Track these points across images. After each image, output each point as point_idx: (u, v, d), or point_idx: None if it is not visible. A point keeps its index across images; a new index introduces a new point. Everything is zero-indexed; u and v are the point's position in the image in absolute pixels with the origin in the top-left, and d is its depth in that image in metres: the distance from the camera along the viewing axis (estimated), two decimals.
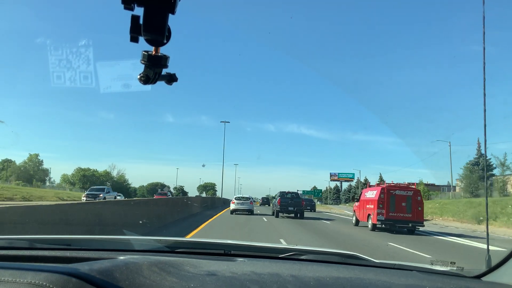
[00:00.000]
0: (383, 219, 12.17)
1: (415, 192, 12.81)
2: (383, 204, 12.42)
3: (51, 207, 5.83)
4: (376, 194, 12.91)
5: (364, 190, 15.70)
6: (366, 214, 13.64)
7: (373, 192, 13.55)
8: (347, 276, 0.96)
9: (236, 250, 1.29)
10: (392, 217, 12.23)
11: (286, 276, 0.90)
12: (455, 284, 0.93)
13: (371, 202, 13.14)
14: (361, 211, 14.70)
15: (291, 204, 19.21)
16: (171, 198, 20.62)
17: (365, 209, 14.01)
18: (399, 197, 12.57)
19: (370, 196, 13.68)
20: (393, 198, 12.56)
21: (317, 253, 1.29)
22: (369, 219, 13.19)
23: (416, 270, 1.11)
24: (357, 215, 15.43)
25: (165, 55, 0.74)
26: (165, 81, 0.80)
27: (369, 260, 1.23)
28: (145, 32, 0.69)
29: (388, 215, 12.25)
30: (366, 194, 14.57)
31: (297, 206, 19.29)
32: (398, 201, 12.53)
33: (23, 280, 0.70)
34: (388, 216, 12.22)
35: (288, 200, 19.39)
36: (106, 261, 0.86)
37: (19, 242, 1.19)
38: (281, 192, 21.07)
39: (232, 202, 20.86)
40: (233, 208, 20.16)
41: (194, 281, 0.81)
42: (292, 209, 19.18)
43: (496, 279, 0.99)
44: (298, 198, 20.23)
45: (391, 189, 12.75)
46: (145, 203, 11.57)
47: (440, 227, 16.91)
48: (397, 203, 12.48)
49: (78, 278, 0.71)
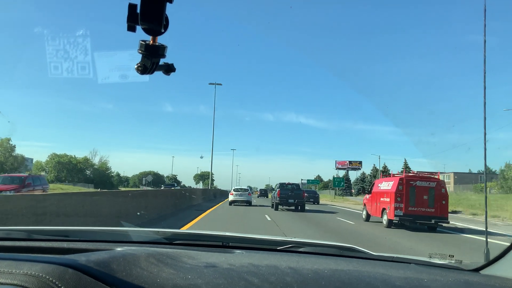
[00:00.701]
0: (401, 214, 12.30)
1: (438, 183, 12.75)
2: (401, 197, 12.46)
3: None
4: (393, 186, 12.98)
5: (377, 181, 15.84)
6: (380, 208, 13.84)
7: (389, 183, 13.63)
8: (345, 269, 1.13)
9: (234, 242, 1.49)
10: (412, 212, 12.33)
11: (284, 268, 1.07)
12: (453, 277, 1.10)
13: (387, 194, 13.29)
14: (373, 205, 14.90)
15: (291, 196, 20.43)
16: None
17: (378, 203, 14.20)
18: (420, 189, 12.51)
19: (385, 188, 13.82)
20: (413, 190, 12.57)
21: (315, 246, 1.50)
22: (384, 214, 13.38)
23: (414, 263, 1.31)
24: (368, 209, 15.65)
25: (162, 45, 0.87)
26: (162, 71, 0.93)
27: (367, 253, 1.43)
28: (142, 21, 0.82)
29: (407, 210, 12.34)
30: (379, 185, 14.71)
31: (297, 199, 20.53)
32: (419, 193, 12.56)
33: (19, 271, 0.82)
34: (407, 211, 12.32)
35: (288, 192, 20.61)
36: (104, 253, 1.01)
37: (17, 233, 1.37)
38: (280, 184, 22.35)
39: (230, 193, 24.42)
40: (231, 199, 23.66)
41: (192, 273, 0.96)
42: (292, 202, 20.42)
43: (494, 272, 1.17)
44: (299, 190, 21.56)
45: (410, 180, 12.72)
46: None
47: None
48: (417, 196, 12.46)
49: (75, 269, 0.84)
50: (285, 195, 20.48)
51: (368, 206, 15.63)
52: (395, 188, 12.75)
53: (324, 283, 0.97)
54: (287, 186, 22.10)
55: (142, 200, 11.67)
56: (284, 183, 22.48)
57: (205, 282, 0.91)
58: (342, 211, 23.40)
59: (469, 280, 1.08)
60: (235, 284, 0.92)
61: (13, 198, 7.76)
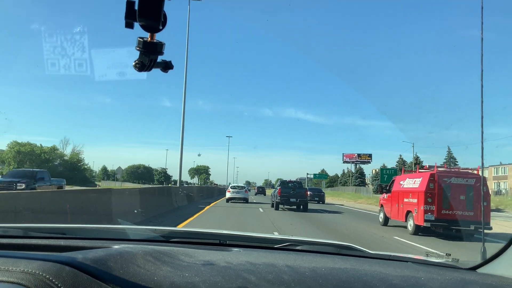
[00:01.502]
0: (432, 219, 12.13)
1: (478, 180, 12.44)
2: (433, 197, 12.28)
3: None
4: (422, 183, 12.80)
5: (398, 177, 15.72)
6: (404, 211, 13.78)
7: (415, 181, 13.48)
8: (343, 267, 1.35)
9: (231, 240, 1.76)
10: (446, 216, 12.16)
11: (282, 266, 1.28)
12: (450, 276, 1.32)
13: (413, 194, 13.17)
14: (393, 206, 14.84)
15: (293, 194, 22.18)
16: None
17: (401, 204, 14.09)
18: (456, 188, 12.29)
19: (410, 186, 13.68)
20: (447, 189, 12.35)
21: (313, 244, 1.76)
22: (409, 218, 13.30)
23: (411, 261, 1.56)
24: (386, 211, 15.61)
25: (160, 42, 1.07)
26: (160, 68, 1.14)
27: (364, 251, 1.69)
28: (140, 17, 1.02)
29: (440, 214, 12.15)
30: (402, 183, 14.58)
31: (300, 197, 22.35)
32: (454, 193, 12.29)
33: (16, 268, 0.99)
34: (440, 215, 12.15)
35: (289, 190, 22.38)
36: (100, 250, 1.21)
37: (14, 231, 1.61)
38: (281, 181, 24.38)
39: (228, 190, 29.38)
40: (229, 196, 28.52)
41: (189, 271, 1.16)
42: (294, 201, 22.18)
43: (491, 270, 1.40)
44: (301, 188, 23.67)
45: (444, 176, 12.56)
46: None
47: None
48: (453, 197, 12.22)
49: (72, 266, 1.02)
50: (287, 194, 22.09)
51: (387, 208, 15.60)
52: (424, 186, 12.54)
53: (321, 281, 1.18)
54: (288, 184, 23.72)
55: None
56: (285, 181, 24.32)
57: (202, 280, 1.10)
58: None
59: (466, 279, 1.31)
60: (233, 282, 1.11)
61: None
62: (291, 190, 22.57)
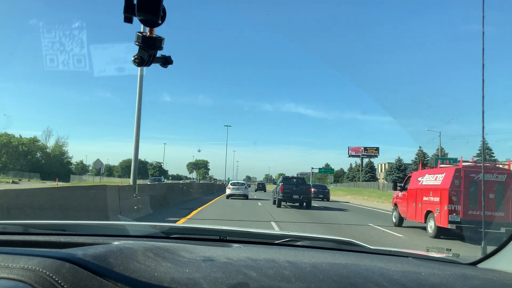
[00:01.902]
0: (458, 220, 11.90)
1: (510, 176, 12.13)
2: (458, 196, 11.98)
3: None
4: (445, 180, 12.59)
5: (416, 173, 15.40)
6: (423, 211, 13.60)
7: (437, 177, 13.19)
8: (343, 262, 1.47)
9: (231, 236, 1.90)
10: (474, 217, 11.85)
11: (282, 262, 1.39)
12: (450, 271, 1.44)
13: (435, 192, 12.99)
14: (410, 205, 14.65)
15: (296, 191, 23.35)
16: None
17: (419, 203, 13.88)
18: (485, 185, 11.90)
19: (431, 183, 13.41)
20: (474, 186, 12.04)
21: (313, 239, 1.91)
22: (430, 219, 13.19)
23: (412, 256, 1.69)
24: (401, 210, 15.44)
25: (160, 37, 1.18)
26: (160, 63, 1.25)
27: (364, 247, 1.82)
28: (139, 12, 1.11)
29: (466, 214, 11.86)
30: (421, 179, 14.27)
31: (303, 194, 23.52)
32: (482, 191, 12.07)
33: (16, 265, 1.08)
34: (467, 216, 11.88)
35: (292, 187, 23.54)
36: (100, 247, 1.33)
37: (13, 227, 1.76)
38: (284, 177, 25.82)
39: (228, 187, 32.61)
40: (228, 193, 31.74)
41: (189, 267, 1.26)
42: (297, 198, 23.40)
43: (491, 266, 1.52)
44: (304, 185, 24.76)
45: (471, 172, 12.22)
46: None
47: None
48: (481, 195, 11.88)
49: (72, 263, 1.11)
50: (289, 190, 23.28)
51: (402, 207, 15.40)
52: (449, 183, 12.23)
53: (322, 276, 1.29)
54: (291, 180, 24.95)
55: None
56: (287, 177, 25.80)
57: (203, 276, 1.20)
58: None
59: (466, 274, 1.42)
60: (233, 278, 1.21)
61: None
62: (294, 186, 23.55)
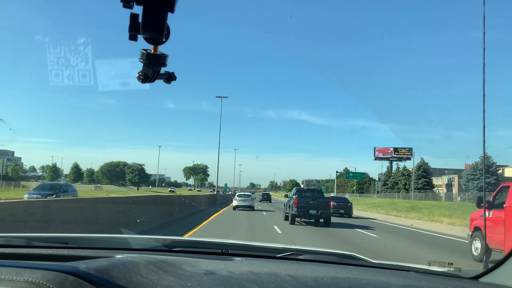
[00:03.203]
0: None
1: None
2: None
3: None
4: None
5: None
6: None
7: None
8: (345, 276, 1.48)
9: (233, 249, 1.92)
10: None
11: (284, 276, 1.41)
12: (452, 285, 1.44)
13: None
14: (510, 232, 9.54)
15: (313, 205, 20.13)
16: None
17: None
18: None
19: None
20: None
21: (315, 253, 1.91)
22: None
23: (414, 270, 1.69)
24: (490, 239, 10.39)
25: (164, 54, 1.20)
26: (163, 79, 1.28)
27: (366, 261, 1.83)
28: (144, 30, 1.13)
29: None
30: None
31: (321, 209, 20.10)
32: None
33: (20, 278, 1.09)
34: None
35: (308, 200, 20.35)
36: (104, 260, 1.34)
37: (17, 240, 1.78)
38: (298, 189, 22.91)
39: (234, 199, 33.75)
40: (235, 204, 32.60)
41: (191, 280, 1.27)
42: (314, 213, 20.15)
43: (493, 280, 1.53)
44: (322, 198, 21.32)
45: None
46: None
47: None
48: None
49: (75, 276, 1.12)
50: (305, 205, 20.13)
51: (493, 233, 10.33)
52: None
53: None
54: (306, 192, 22.30)
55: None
56: (302, 188, 23.14)
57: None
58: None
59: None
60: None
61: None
62: (310, 199, 20.41)
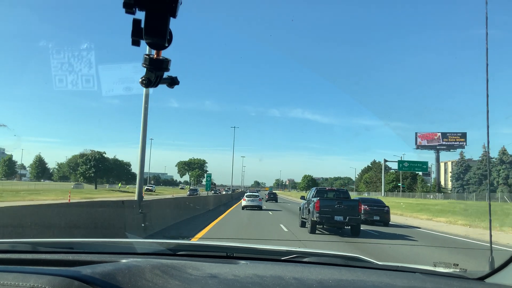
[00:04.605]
0: None
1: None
2: None
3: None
4: None
5: None
6: None
7: None
8: (350, 279, 1.48)
9: (238, 252, 1.92)
10: None
11: (289, 278, 1.41)
12: (458, 286, 1.44)
13: None
14: None
15: (339, 210, 16.12)
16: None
17: None
18: None
19: None
20: None
21: (320, 256, 1.91)
22: None
23: (419, 272, 1.68)
24: None
25: (166, 59, 1.22)
26: (166, 84, 1.29)
27: (371, 262, 1.82)
28: (146, 35, 1.16)
29: None
30: None
31: (349, 215, 16.08)
32: None
33: (26, 283, 1.12)
34: None
35: (333, 204, 16.39)
36: (109, 265, 1.36)
37: (22, 246, 1.79)
38: (318, 189, 18.94)
39: (243, 199, 36.02)
40: (244, 204, 34.42)
41: (196, 284, 1.29)
42: (340, 220, 16.08)
43: (499, 280, 1.52)
44: (351, 200, 17.30)
45: None
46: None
47: None
48: None
49: (81, 281, 1.14)
50: (329, 209, 16.10)
51: None
52: None
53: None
54: (328, 193, 18.55)
55: None
56: (323, 188, 19.11)
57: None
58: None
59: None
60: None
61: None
62: (336, 203, 16.37)
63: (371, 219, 22.53)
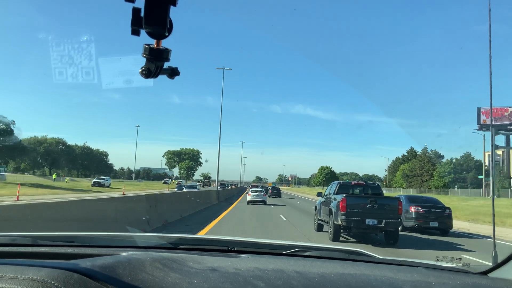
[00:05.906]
0: None
1: None
2: None
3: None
4: None
5: None
6: None
7: None
8: (352, 272, 1.47)
9: (239, 246, 1.91)
10: None
11: (290, 272, 1.39)
12: (461, 280, 1.42)
13: None
14: None
15: (372, 211, 12.52)
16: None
17: None
18: None
19: None
20: None
21: (321, 250, 1.90)
22: None
23: (422, 266, 1.67)
24: None
25: (167, 48, 1.18)
26: (167, 74, 1.26)
27: (374, 257, 1.81)
28: (146, 24, 1.12)
29: None
30: None
31: (386, 218, 12.41)
32: None
33: (25, 276, 1.10)
34: None
35: (364, 202, 12.72)
36: (109, 257, 1.34)
37: (22, 239, 1.77)
38: (341, 183, 15.03)
39: (248, 194, 36.64)
40: (249, 199, 35.25)
41: (197, 277, 1.27)
42: (374, 224, 12.43)
43: (502, 275, 1.50)
44: (387, 199, 13.68)
45: None
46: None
47: None
48: None
49: (80, 273, 1.12)
50: (359, 210, 12.51)
51: None
52: None
53: (330, 287, 1.28)
54: (355, 188, 14.77)
55: None
56: (348, 183, 15.11)
57: (211, 287, 1.21)
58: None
59: (477, 283, 1.41)
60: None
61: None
62: (368, 202, 12.67)
63: (426, 225, 16.07)
